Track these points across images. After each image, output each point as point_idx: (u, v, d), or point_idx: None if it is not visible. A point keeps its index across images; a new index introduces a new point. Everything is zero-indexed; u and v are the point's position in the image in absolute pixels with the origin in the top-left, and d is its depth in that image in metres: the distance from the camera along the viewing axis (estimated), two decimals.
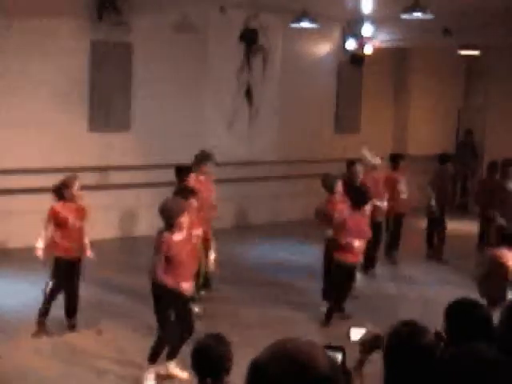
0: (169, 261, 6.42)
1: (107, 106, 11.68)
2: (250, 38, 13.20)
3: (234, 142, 13.23)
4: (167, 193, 8.96)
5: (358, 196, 8.34)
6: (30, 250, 10.73)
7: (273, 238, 12.33)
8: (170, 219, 6.49)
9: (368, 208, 8.40)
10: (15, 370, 6.74)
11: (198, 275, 7.60)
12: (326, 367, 2.00)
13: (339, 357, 2.47)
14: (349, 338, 3.70)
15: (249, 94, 13.50)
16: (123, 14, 11.40)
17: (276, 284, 9.83)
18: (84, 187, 11.06)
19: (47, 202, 10.91)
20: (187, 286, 6.52)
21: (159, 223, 9.12)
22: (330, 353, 2.45)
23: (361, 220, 8.27)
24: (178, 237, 6.52)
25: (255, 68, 13.52)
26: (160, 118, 12.32)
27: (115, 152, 11.89)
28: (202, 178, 9.01)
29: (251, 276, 10.02)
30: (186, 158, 9.99)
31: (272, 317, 8.48)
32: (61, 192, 7.73)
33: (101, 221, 11.68)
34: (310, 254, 10.57)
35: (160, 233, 6.61)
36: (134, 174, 11.96)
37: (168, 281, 6.37)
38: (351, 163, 9.92)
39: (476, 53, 15.29)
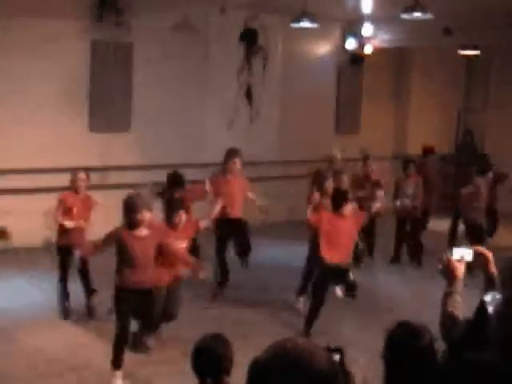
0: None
1: (107, 106, 11.68)
2: (250, 38, 13.20)
3: (234, 142, 13.16)
4: None
5: (336, 197, 8.18)
6: (30, 249, 10.79)
7: (273, 238, 12.32)
8: (130, 215, 6.43)
9: (349, 209, 8.09)
10: (15, 369, 6.74)
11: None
12: (326, 366, 2.01)
13: (337, 358, 2.47)
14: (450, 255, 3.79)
15: (249, 94, 13.50)
16: (124, 14, 11.40)
17: (277, 285, 9.84)
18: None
19: (47, 201, 10.96)
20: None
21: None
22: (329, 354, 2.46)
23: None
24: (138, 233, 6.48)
25: (255, 68, 13.52)
26: (160, 118, 12.33)
27: (115, 152, 11.89)
28: (229, 177, 9.06)
29: (251, 276, 10.01)
30: (186, 158, 10.05)
31: (271, 317, 8.49)
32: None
33: (100, 221, 11.69)
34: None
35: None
36: (134, 174, 11.96)
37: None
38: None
39: (476, 53, 15.30)
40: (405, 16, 9.74)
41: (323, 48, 14.68)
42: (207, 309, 8.45)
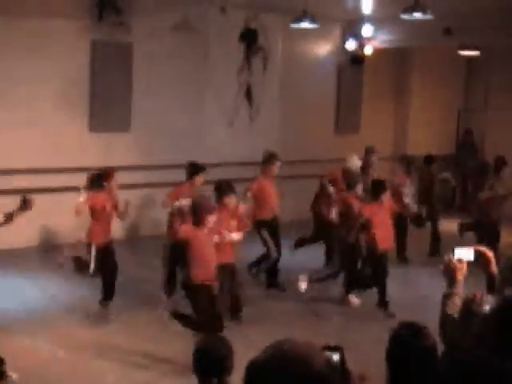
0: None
1: (107, 106, 11.68)
2: (250, 38, 13.20)
3: (234, 142, 13.23)
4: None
5: (375, 187, 8.82)
6: (30, 249, 10.79)
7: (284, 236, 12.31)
8: (197, 215, 6.84)
9: (387, 196, 8.80)
10: (16, 370, 6.73)
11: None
12: (323, 368, 2.01)
13: (337, 357, 2.47)
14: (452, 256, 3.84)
15: (249, 94, 13.50)
16: (123, 14, 11.40)
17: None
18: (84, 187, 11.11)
19: (47, 202, 10.98)
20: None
21: (160, 223, 9.16)
22: (328, 353, 2.45)
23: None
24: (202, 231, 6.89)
25: (255, 68, 13.52)
26: (160, 117, 12.32)
27: (115, 152, 11.89)
28: (269, 179, 9.38)
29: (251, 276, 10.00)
30: (186, 158, 10.00)
31: (272, 316, 8.48)
32: (98, 182, 8.10)
33: None
34: (311, 254, 10.59)
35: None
36: (134, 174, 11.96)
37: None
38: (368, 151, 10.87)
39: (476, 53, 15.30)
40: (405, 16, 9.75)
41: (323, 48, 14.68)
42: None
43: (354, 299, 8.99)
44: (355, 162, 10.23)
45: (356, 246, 8.99)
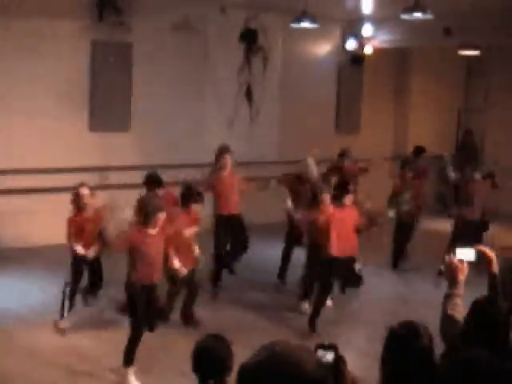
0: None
1: (107, 106, 11.68)
2: (250, 38, 13.20)
3: (234, 142, 13.14)
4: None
5: (338, 188, 8.35)
6: (30, 250, 10.78)
7: (274, 238, 12.32)
8: (147, 214, 6.65)
9: (350, 199, 8.18)
10: (15, 370, 6.73)
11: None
12: (315, 370, 2.00)
13: (331, 356, 2.45)
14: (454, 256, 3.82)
15: (249, 94, 13.50)
16: (123, 14, 11.40)
17: (277, 284, 9.83)
18: None
19: (47, 202, 10.99)
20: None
21: None
22: (322, 352, 2.43)
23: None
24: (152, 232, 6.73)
25: (255, 68, 13.52)
26: (160, 118, 12.32)
27: (115, 152, 11.89)
28: (224, 174, 9.14)
29: (251, 277, 10.01)
30: (186, 158, 10.05)
31: (271, 317, 8.48)
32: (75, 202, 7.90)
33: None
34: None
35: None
36: (134, 174, 11.94)
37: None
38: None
39: (476, 53, 15.29)
40: (405, 16, 9.75)
41: (323, 48, 14.68)
42: (206, 309, 8.43)
43: (305, 306, 8.69)
44: (312, 168, 10.06)
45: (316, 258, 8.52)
